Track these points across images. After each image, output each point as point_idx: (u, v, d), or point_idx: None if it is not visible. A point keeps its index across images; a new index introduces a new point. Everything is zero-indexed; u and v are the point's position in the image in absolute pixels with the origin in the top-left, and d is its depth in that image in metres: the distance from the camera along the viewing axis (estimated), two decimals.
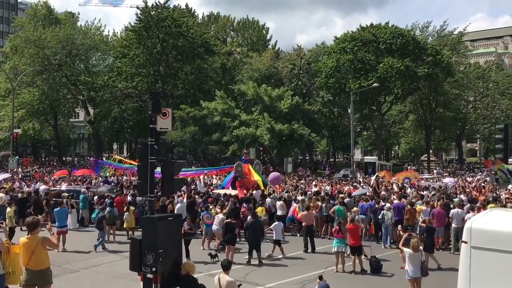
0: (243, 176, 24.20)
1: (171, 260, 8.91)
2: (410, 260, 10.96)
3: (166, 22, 51.99)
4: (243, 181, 24.02)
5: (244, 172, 24.42)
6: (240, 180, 24.01)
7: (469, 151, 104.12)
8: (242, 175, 24.20)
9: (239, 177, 24.15)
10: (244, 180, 24.09)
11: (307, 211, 17.52)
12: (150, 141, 9.80)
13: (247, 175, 24.45)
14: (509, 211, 9.86)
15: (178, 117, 50.49)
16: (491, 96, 64.19)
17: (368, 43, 50.28)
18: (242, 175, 24.20)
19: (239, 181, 24.00)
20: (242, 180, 24.07)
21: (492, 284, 6.60)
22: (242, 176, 24.19)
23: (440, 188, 27.56)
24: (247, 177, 24.38)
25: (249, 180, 24.14)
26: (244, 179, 24.18)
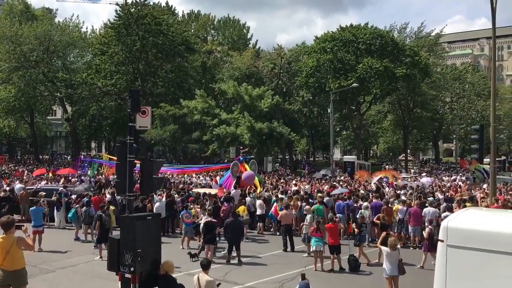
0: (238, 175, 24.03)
1: (150, 260, 8.84)
2: (387, 259, 11.09)
3: (146, 20, 51.54)
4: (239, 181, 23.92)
5: (240, 172, 24.26)
6: (236, 180, 23.90)
7: (446, 151, 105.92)
8: (238, 175, 24.04)
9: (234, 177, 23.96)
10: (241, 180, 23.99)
11: (286, 210, 17.57)
12: (129, 139, 9.68)
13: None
14: (484, 210, 10.07)
15: (158, 116, 50.12)
16: (467, 97, 65.48)
17: (348, 43, 50.73)
18: (238, 175, 24.04)
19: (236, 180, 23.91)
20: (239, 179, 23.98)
21: (467, 282, 6.73)
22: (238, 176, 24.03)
23: (417, 187, 28.00)
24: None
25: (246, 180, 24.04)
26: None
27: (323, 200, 19.27)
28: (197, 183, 30.66)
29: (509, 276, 6.37)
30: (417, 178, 37.12)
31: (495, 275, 6.47)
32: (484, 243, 6.62)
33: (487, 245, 6.59)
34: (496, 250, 6.49)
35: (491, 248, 6.54)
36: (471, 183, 30.97)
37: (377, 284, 12.35)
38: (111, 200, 19.50)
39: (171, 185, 26.28)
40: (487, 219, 7.46)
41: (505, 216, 8.17)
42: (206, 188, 26.17)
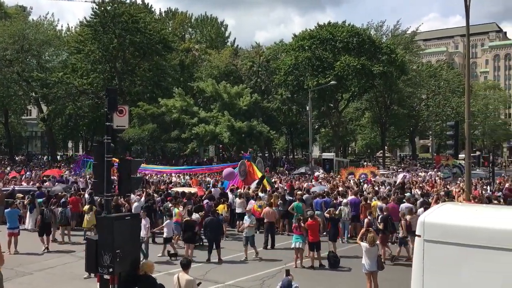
0: (245, 176, 23.80)
1: (129, 260, 8.75)
2: (366, 254, 11.21)
3: (122, 18, 50.97)
4: (247, 180, 23.69)
5: (248, 171, 24.05)
6: (245, 180, 23.67)
7: (422, 147, 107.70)
8: (246, 175, 23.81)
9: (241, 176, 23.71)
10: (249, 179, 23.77)
11: (270, 208, 17.62)
12: (106, 139, 9.57)
13: (251, 173, 24.12)
14: (459, 205, 10.26)
15: (136, 115, 49.66)
16: (442, 94, 66.67)
17: (325, 41, 51.08)
18: (246, 175, 23.81)
19: (243, 181, 23.66)
20: (247, 179, 23.74)
21: (444, 276, 6.85)
22: (245, 176, 23.79)
23: (394, 183, 28.39)
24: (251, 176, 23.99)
25: (253, 179, 23.84)
26: (248, 178, 23.81)
27: (302, 198, 19.35)
28: (177, 182, 30.51)
29: (484, 269, 6.52)
30: (395, 174, 37.62)
31: (471, 268, 6.61)
32: (460, 238, 6.75)
33: (463, 239, 6.72)
34: (472, 244, 6.63)
35: (467, 242, 6.67)
36: (451, 179, 31.43)
37: (356, 279, 12.48)
38: (90, 200, 19.25)
39: (149, 185, 26.01)
40: (463, 214, 7.60)
41: (480, 210, 8.35)
42: (186, 187, 26.04)
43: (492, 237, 6.54)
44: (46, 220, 16.81)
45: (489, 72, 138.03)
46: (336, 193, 20.68)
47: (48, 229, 16.78)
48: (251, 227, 15.54)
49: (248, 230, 15.44)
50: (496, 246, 6.44)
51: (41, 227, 16.69)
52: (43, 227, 16.63)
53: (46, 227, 16.68)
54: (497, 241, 6.46)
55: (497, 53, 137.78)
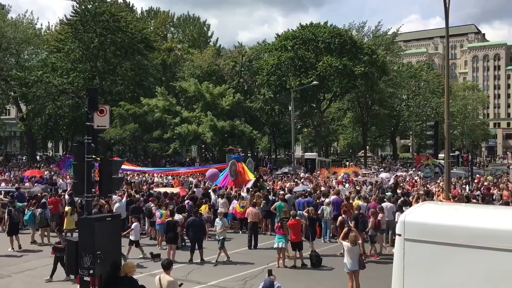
0: (236, 176, 23.62)
1: (110, 262, 8.66)
2: (348, 254, 11.29)
3: (103, 17, 50.45)
4: (238, 180, 23.52)
5: (239, 171, 23.85)
6: (235, 180, 23.48)
7: (403, 147, 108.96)
8: (236, 175, 23.62)
9: (232, 177, 23.51)
10: (239, 179, 23.60)
11: (254, 208, 17.63)
12: (86, 139, 9.45)
13: (242, 174, 23.94)
14: (439, 204, 10.41)
15: (117, 114, 49.19)
16: (423, 94, 67.60)
17: (308, 41, 51.32)
18: (236, 175, 23.62)
19: (234, 180, 23.48)
20: (237, 179, 23.56)
21: (424, 274, 6.94)
22: (236, 176, 23.61)
23: (376, 182, 28.67)
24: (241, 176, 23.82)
25: (244, 179, 23.68)
26: (239, 178, 23.64)
27: (284, 197, 19.41)
28: (159, 183, 30.32)
29: (464, 267, 6.62)
30: (376, 174, 37.97)
31: (451, 267, 6.71)
32: (439, 237, 6.84)
33: (443, 238, 6.81)
34: (451, 242, 6.72)
35: (447, 241, 6.76)
36: (432, 178, 31.83)
37: (338, 279, 12.55)
38: (70, 201, 18.99)
39: (131, 186, 25.76)
40: (442, 213, 7.71)
41: (460, 209, 8.48)
42: (168, 187, 25.88)
43: (470, 236, 6.65)
44: (15, 220, 16.69)
45: (468, 73, 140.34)
46: (318, 193, 20.78)
47: (16, 229, 16.74)
48: (223, 229, 15.11)
49: (219, 233, 15.09)
50: (475, 245, 6.55)
51: (10, 227, 16.60)
52: (12, 227, 16.55)
53: (14, 227, 16.64)
54: (476, 240, 6.57)
55: (475, 54, 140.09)
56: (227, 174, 24.09)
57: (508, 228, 6.60)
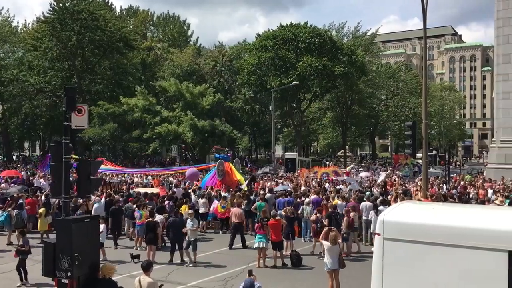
0: (223, 176, 23.43)
1: (88, 264, 8.54)
2: (328, 253, 11.37)
3: (82, 15, 49.81)
4: (225, 180, 23.34)
5: (226, 171, 23.66)
6: (223, 180, 23.30)
7: (382, 146, 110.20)
8: (224, 175, 23.44)
9: (220, 176, 23.31)
10: (227, 179, 23.43)
11: (239, 208, 17.63)
12: (64, 139, 9.31)
13: (229, 173, 23.76)
14: (417, 204, 10.56)
15: (96, 114, 48.60)
16: (401, 94, 68.48)
17: (288, 41, 51.51)
18: (224, 175, 23.44)
19: (221, 180, 23.29)
20: (225, 179, 23.38)
21: (403, 273, 7.03)
22: (223, 176, 23.42)
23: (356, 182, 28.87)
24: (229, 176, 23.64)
25: (231, 179, 23.52)
26: (226, 178, 23.47)
27: (265, 197, 19.44)
28: (139, 183, 30.04)
29: (442, 266, 6.73)
30: (356, 174, 38.24)
31: (429, 266, 6.81)
32: (418, 236, 6.95)
33: (421, 237, 6.92)
34: (429, 241, 6.83)
35: (425, 240, 6.87)
36: (411, 177, 32.21)
37: (318, 277, 12.63)
38: (46, 202, 18.68)
39: (110, 186, 25.46)
40: (420, 212, 7.83)
41: (437, 209, 8.62)
42: (147, 187, 25.67)
43: (448, 234, 6.76)
44: None
45: (445, 74, 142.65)
46: (299, 193, 20.86)
47: None
48: (193, 231, 14.74)
49: (190, 234, 14.69)
50: (452, 244, 6.66)
51: None
52: None
53: None
54: (453, 239, 6.69)
55: (452, 55, 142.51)
56: (214, 174, 23.96)
57: (484, 227, 6.73)
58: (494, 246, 6.38)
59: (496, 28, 30.76)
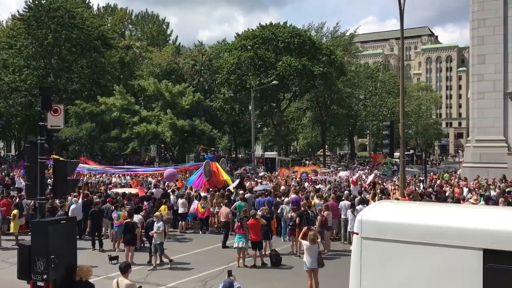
0: (210, 176, 23.22)
1: (65, 266, 8.41)
2: (307, 252, 11.41)
3: (58, 12, 49.04)
4: (212, 180, 23.14)
5: (213, 171, 23.45)
6: (209, 180, 23.10)
7: (360, 145, 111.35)
8: (210, 175, 23.24)
9: (206, 176, 23.09)
10: (213, 179, 23.23)
11: (226, 208, 17.60)
12: (39, 139, 9.14)
13: (216, 173, 23.55)
14: (395, 203, 10.69)
15: (73, 113, 47.89)
16: (379, 94, 69.26)
17: (268, 41, 51.58)
18: (210, 175, 23.24)
19: (208, 181, 23.09)
20: (211, 179, 23.18)
21: (381, 272, 7.10)
22: (210, 176, 23.21)
23: (334, 181, 29.11)
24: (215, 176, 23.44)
25: (218, 179, 23.32)
26: (213, 178, 23.27)
27: (244, 197, 19.43)
28: (117, 183, 29.72)
29: (418, 264, 6.82)
30: (335, 173, 38.54)
31: (407, 264, 6.89)
32: (395, 235, 7.02)
33: (398, 236, 6.99)
34: (406, 240, 6.91)
35: (402, 238, 6.95)
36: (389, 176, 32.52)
37: (298, 277, 12.68)
38: (18, 203, 18.33)
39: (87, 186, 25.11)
40: (398, 211, 7.92)
41: (414, 208, 8.74)
42: (126, 188, 25.41)
43: (424, 233, 6.86)
44: None
45: (422, 74, 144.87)
46: (278, 192, 20.91)
47: None
48: (159, 233, 14.23)
49: (156, 237, 14.17)
50: (428, 242, 6.76)
51: None
52: None
53: None
54: (429, 237, 6.79)
55: (429, 56, 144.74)
56: (200, 174, 23.80)
57: (459, 226, 6.85)
58: (469, 245, 6.50)
59: (471, 30, 31.32)
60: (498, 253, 6.33)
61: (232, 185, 22.82)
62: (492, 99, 30.05)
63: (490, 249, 6.36)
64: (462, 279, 6.52)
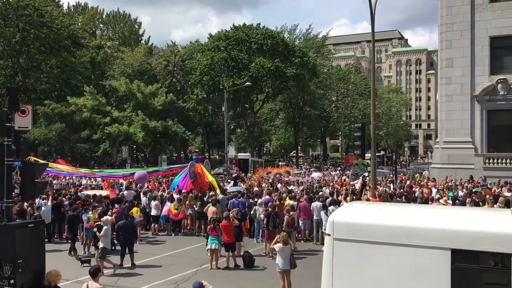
0: (195, 178, 22.92)
1: (33, 270, 8.23)
2: (280, 253, 11.47)
3: (27, 11, 47.89)
4: (197, 182, 22.84)
5: (197, 173, 23.15)
6: (194, 182, 22.79)
7: (332, 147, 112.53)
8: (195, 176, 22.93)
9: (191, 178, 22.78)
10: (198, 181, 22.94)
11: (213, 207, 17.55)
12: (6, 141, 8.91)
13: (201, 175, 23.26)
14: (366, 204, 10.85)
15: (42, 114, 46.85)
16: (351, 96, 70.18)
17: (241, 42, 51.55)
18: (195, 176, 22.93)
19: (193, 182, 22.77)
20: (196, 181, 22.88)
21: (352, 272, 7.20)
22: (194, 178, 22.91)
23: (307, 182, 29.32)
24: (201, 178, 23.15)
25: (203, 181, 23.05)
26: (198, 180, 22.96)
27: (217, 198, 19.39)
28: (87, 185, 29.22)
29: (389, 264, 6.94)
30: (308, 174, 38.79)
31: (377, 264, 7.01)
32: (366, 235, 7.14)
33: (369, 237, 7.11)
34: (377, 241, 7.04)
35: (373, 239, 7.07)
36: (352, 177, 32.94)
37: (270, 278, 12.72)
38: None
39: (53, 189, 24.62)
40: (369, 213, 8.04)
41: (385, 209, 8.90)
42: (96, 190, 25.01)
43: (394, 234, 6.99)
44: None
45: (392, 76, 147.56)
46: (251, 194, 20.93)
47: None
48: (103, 237, 13.79)
49: (101, 241, 13.73)
50: (398, 243, 6.89)
51: None
52: None
53: None
54: (399, 238, 6.92)
55: (399, 58, 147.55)
56: (185, 176, 23.58)
57: (428, 226, 7.00)
58: (438, 245, 6.66)
59: (440, 33, 32.04)
60: (466, 253, 6.50)
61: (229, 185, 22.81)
62: (460, 102, 30.80)
63: (458, 249, 6.53)
64: (431, 278, 6.67)
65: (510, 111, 29.81)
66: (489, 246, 6.38)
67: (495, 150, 30.14)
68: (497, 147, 30.19)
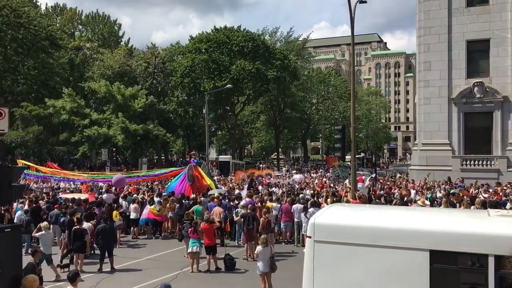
0: (193, 180, 22.67)
1: (9, 276, 8.06)
2: (260, 256, 11.48)
3: (3, 11, 47.07)
4: (195, 185, 22.59)
5: (195, 176, 22.90)
6: (193, 185, 22.53)
7: (313, 149, 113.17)
8: (193, 179, 22.68)
9: (189, 181, 22.55)
10: (197, 184, 22.69)
11: (219, 207, 17.48)
12: None
13: (199, 178, 23.01)
14: (346, 206, 10.93)
15: (19, 116, 46.01)
16: (331, 99, 70.71)
17: (222, 44, 51.53)
18: (193, 179, 22.68)
19: (191, 185, 22.52)
20: (194, 184, 22.63)
21: (333, 274, 7.24)
22: (192, 181, 22.66)
23: (288, 184, 29.43)
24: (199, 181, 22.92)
25: (201, 184, 22.81)
26: (196, 183, 22.71)
27: (200, 201, 19.31)
28: (66, 188, 28.81)
29: (369, 266, 7.00)
30: (289, 176, 38.92)
31: (358, 266, 7.06)
32: (346, 237, 7.19)
33: (350, 238, 7.17)
34: (357, 243, 7.10)
35: (353, 241, 7.13)
36: (342, 179, 33.13)
37: (251, 281, 12.72)
38: None
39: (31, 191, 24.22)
40: (349, 215, 8.11)
41: (365, 211, 8.98)
42: (75, 193, 24.67)
43: (374, 235, 7.06)
44: None
45: (372, 79, 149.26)
46: (232, 196, 20.90)
47: None
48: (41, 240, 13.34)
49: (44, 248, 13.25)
50: (378, 244, 6.96)
51: None
52: None
53: None
54: (378, 239, 6.99)
55: (378, 61, 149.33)
56: (183, 179, 23.38)
57: (407, 227, 7.09)
58: (416, 246, 6.74)
59: (418, 37, 32.52)
60: (444, 254, 6.60)
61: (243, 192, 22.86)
62: (438, 104, 31.28)
63: (436, 250, 6.63)
64: (410, 279, 6.75)
65: (486, 113, 30.39)
66: (467, 247, 6.49)
67: (471, 152, 30.68)
68: (473, 149, 30.73)
